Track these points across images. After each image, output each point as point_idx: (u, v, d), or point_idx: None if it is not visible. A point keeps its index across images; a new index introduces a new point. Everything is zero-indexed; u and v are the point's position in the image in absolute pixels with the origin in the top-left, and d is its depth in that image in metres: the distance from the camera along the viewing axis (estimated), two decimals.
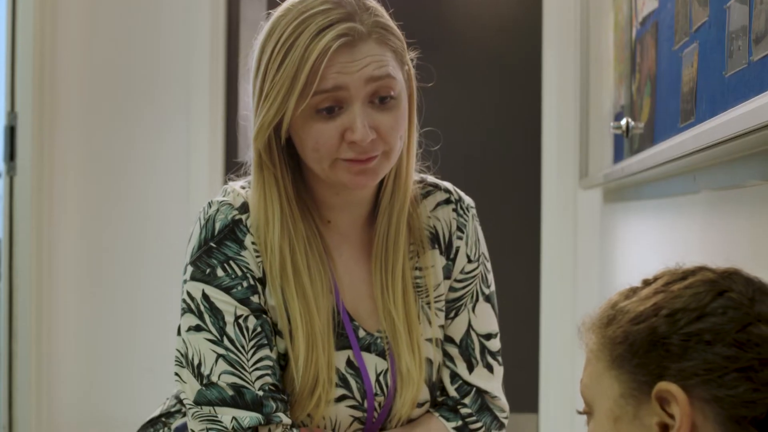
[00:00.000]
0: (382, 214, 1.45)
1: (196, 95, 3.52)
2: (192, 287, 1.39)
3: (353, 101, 1.31)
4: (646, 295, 0.92)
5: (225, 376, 1.35)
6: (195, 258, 1.39)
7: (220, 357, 1.35)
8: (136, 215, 3.56)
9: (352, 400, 1.43)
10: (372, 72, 1.31)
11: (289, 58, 1.29)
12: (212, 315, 1.37)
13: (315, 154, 1.34)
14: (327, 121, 1.32)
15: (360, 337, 1.44)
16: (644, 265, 1.00)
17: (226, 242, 1.39)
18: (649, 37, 2.00)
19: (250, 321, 1.37)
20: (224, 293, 1.37)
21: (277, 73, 1.30)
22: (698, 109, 1.50)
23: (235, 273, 1.38)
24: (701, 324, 0.87)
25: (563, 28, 3.48)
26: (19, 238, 3.35)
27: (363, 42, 1.31)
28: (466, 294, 1.54)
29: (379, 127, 1.33)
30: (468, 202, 1.57)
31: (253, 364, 1.36)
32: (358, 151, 1.33)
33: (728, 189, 1.47)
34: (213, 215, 1.41)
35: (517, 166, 3.90)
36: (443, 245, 1.52)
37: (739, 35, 1.24)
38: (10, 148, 3.35)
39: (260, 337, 1.37)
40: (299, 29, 1.30)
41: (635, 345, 0.89)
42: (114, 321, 3.57)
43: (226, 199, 1.42)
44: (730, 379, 0.85)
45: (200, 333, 1.37)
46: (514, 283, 3.82)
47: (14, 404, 3.36)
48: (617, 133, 2.32)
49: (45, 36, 3.40)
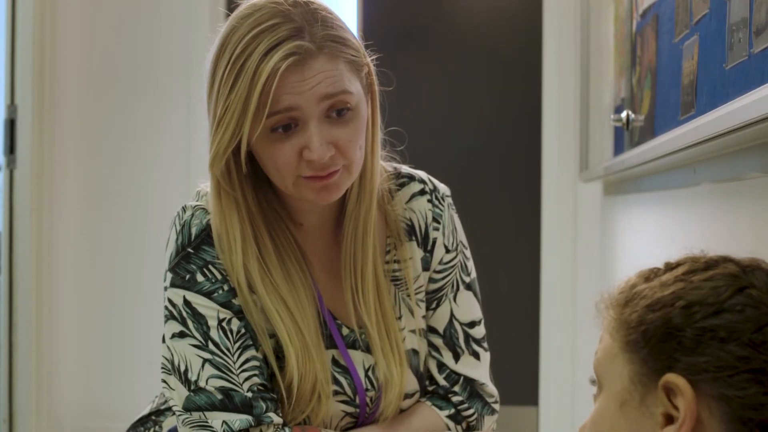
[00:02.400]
0: (349, 217, 1.44)
1: (196, 88, 3.51)
2: (173, 294, 1.38)
3: (308, 119, 1.28)
4: (665, 282, 0.91)
5: (213, 380, 1.34)
6: (174, 264, 1.39)
7: (206, 362, 1.35)
8: (136, 208, 3.56)
9: (342, 395, 1.42)
10: (325, 90, 1.28)
11: (240, 81, 1.26)
12: (195, 320, 1.36)
13: (276, 173, 1.32)
14: (284, 140, 1.29)
15: (344, 335, 1.44)
16: (644, 257, 1.00)
17: (204, 247, 1.38)
18: (649, 30, 2.00)
19: (233, 323, 1.36)
20: (205, 298, 1.36)
21: (229, 96, 1.27)
22: (698, 101, 1.49)
23: (215, 277, 1.37)
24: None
25: (563, 21, 3.48)
26: (19, 231, 3.35)
27: (313, 59, 1.27)
28: (446, 284, 1.52)
29: (338, 141, 1.30)
30: (443, 190, 1.54)
31: (240, 366, 1.35)
32: (318, 168, 1.30)
33: (728, 181, 1.47)
34: (189, 220, 1.40)
35: (518, 159, 3.89)
36: (420, 237, 1.51)
37: (739, 27, 1.24)
38: (10, 141, 3.35)
39: (245, 338, 1.36)
40: (248, 49, 1.26)
41: (648, 333, 0.89)
42: (114, 314, 3.57)
43: (200, 204, 1.42)
44: (740, 379, 0.84)
45: (184, 339, 1.36)
46: (514, 275, 3.82)
47: (14, 397, 3.36)
48: (617, 125, 2.32)
49: (45, 29, 3.39)
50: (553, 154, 3.51)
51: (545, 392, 3.58)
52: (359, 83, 1.34)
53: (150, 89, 3.56)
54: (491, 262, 3.77)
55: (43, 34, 3.38)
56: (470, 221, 1.90)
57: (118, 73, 3.57)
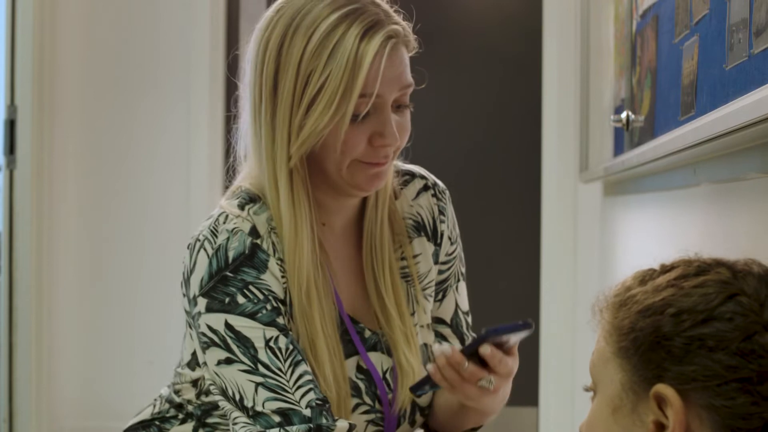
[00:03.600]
0: (371, 209, 1.45)
1: (196, 88, 3.51)
2: (211, 319, 1.31)
3: (385, 106, 1.31)
4: (657, 286, 0.90)
5: (269, 403, 1.28)
6: (208, 289, 1.32)
7: (258, 385, 1.29)
8: (136, 208, 3.56)
9: (364, 406, 1.41)
10: (404, 81, 1.33)
11: (336, 61, 1.26)
12: (241, 344, 1.30)
13: (336, 155, 1.32)
14: (356, 125, 1.30)
15: (366, 338, 1.43)
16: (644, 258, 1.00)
17: (243, 269, 1.32)
18: (649, 30, 2.00)
19: (281, 341, 1.31)
20: (249, 319, 1.31)
21: (324, 76, 1.27)
22: (698, 102, 1.49)
23: (257, 297, 1.31)
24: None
25: (563, 21, 3.48)
26: (19, 231, 3.34)
27: (402, 46, 1.33)
28: (450, 275, 1.55)
29: (398, 131, 1.34)
30: (442, 186, 1.56)
31: (294, 383, 1.30)
32: (383, 155, 1.33)
33: (728, 182, 1.47)
34: (224, 244, 1.33)
35: (518, 159, 3.89)
36: (429, 231, 1.52)
37: (739, 28, 1.24)
38: (10, 142, 3.35)
39: (294, 354, 1.31)
40: (339, 29, 1.27)
41: (638, 340, 0.88)
42: (114, 314, 3.57)
43: (234, 227, 1.34)
44: (728, 389, 0.83)
45: (232, 365, 1.30)
46: (514, 276, 3.82)
47: (14, 396, 3.36)
48: (617, 126, 2.31)
49: (44, 29, 3.39)
50: (553, 155, 3.51)
51: (545, 393, 3.57)
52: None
53: (150, 90, 3.56)
54: (491, 263, 3.77)
55: (42, 34, 3.38)
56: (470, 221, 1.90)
57: (118, 73, 3.57)
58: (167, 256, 3.43)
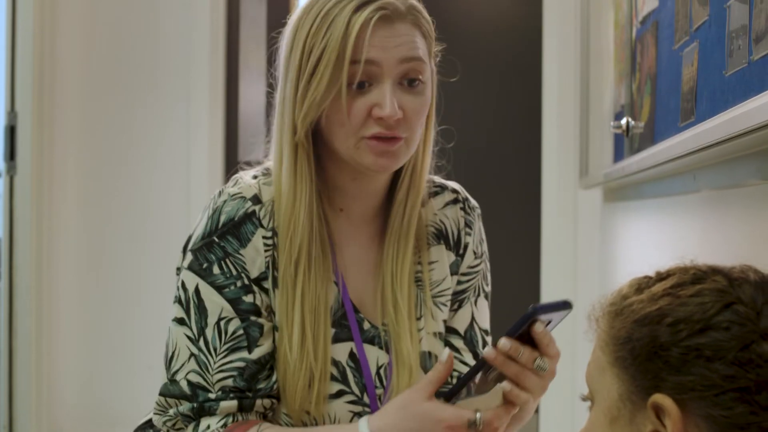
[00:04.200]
0: (399, 204, 1.46)
1: (196, 95, 3.52)
2: (188, 277, 1.39)
3: (384, 78, 1.33)
4: (653, 295, 0.90)
5: (190, 375, 1.37)
6: (196, 248, 1.39)
7: (192, 356, 1.38)
8: (136, 214, 3.56)
9: (350, 395, 1.42)
10: (406, 53, 1.34)
11: (331, 32, 1.31)
12: (198, 313, 1.38)
13: (341, 129, 1.35)
14: (356, 96, 1.33)
15: (364, 329, 1.44)
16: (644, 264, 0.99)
17: (228, 237, 1.38)
18: (649, 36, 2.00)
19: (231, 324, 1.37)
20: (216, 291, 1.37)
21: (320, 47, 1.31)
22: (698, 108, 1.50)
23: (230, 272, 1.38)
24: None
25: (563, 27, 3.48)
26: (19, 237, 3.35)
27: (400, 20, 1.34)
28: (469, 288, 1.57)
29: (406, 108, 1.35)
30: (474, 203, 1.61)
31: (219, 367, 1.37)
32: (384, 127, 1.34)
33: (728, 188, 1.47)
34: (220, 207, 1.40)
35: (518, 165, 3.90)
36: (452, 241, 1.54)
37: (739, 34, 1.24)
38: (10, 148, 3.36)
39: (238, 340, 1.37)
40: (340, 4, 1.32)
41: (635, 350, 0.88)
42: (113, 319, 3.57)
43: (238, 191, 1.41)
44: (726, 399, 0.83)
45: (182, 327, 1.39)
46: (514, 282, 3.82)
47: (14, 403, 3.36)
48: (617, 132, 2.32)
49: (45, 36, 3.40)
50: (553, 161, 3.51)
51: (546, 399, 3.57)
52: (429, 64, 1.40)
53: (150, 95, 3.56)
54: (491, 269, 3.77)
55: (42, 41, 3.39)
56: None
57: (118, 79, 3.57)
58: (167, 263, 3.41)
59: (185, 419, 1.37)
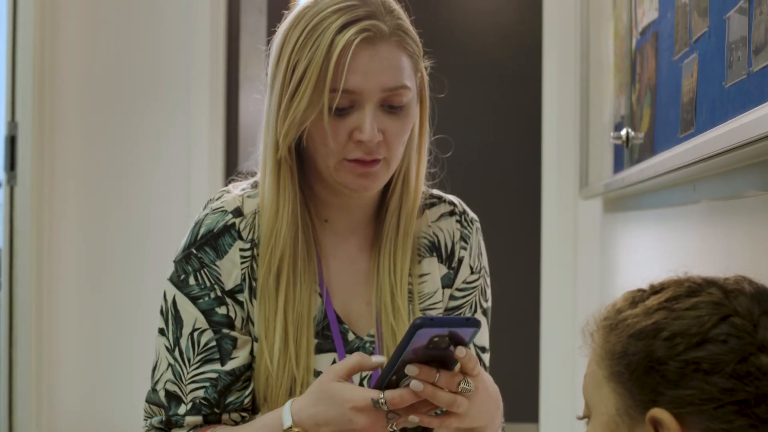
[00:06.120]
0: (391, 215, 1.46)
1: (196, 106, 3.52)
2: (168, 288, 1.43)
3: (365, 103, 1.32)
4: (648, 308, 0.89)
5: (168, 384, 1.40)
6: (177, 259, 1.44)
7: (170, 365, 1.41)
8: (137, 224, 3.56)
9: None
10: (388, 82, 1.32)
11: (316, 51, 1.30)
12: (174, 323, 1.41)
13: (323, 149, 1.35)
14: (336, 119, 1.33)
15: (349, 341, 1.44)
16: (644, 274, 0.99)
17: (205, 248, 1.41)
18: (649, 47, 2.00)
19: (204, 335, 1.40)
20: (191, 303, 1.40)
21: (302, 65, 1.31)
22: (698, 119, 1.50)
23: (205, 283, 1.40)
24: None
25: (563, 37, 3.49)
26: (19, 247, 3.34)
27: (384, 42, 1.32)
28: (465, 303, 1.54)
29: (386, 131, 1.35)
30: (472, 216, 1.58)
31: (191, 377, 1.39)
32: (365, 151, 1.34)
33: (728, 199, 1.47)
34: (201, 219, 1.43)
35: (517, 176, 3.90)
36: (444, 254, 1.52)
37: (738, 46, 1.25)
38: (11, 158, 3.36)
39: (211, 352, 1.39)
40: (325, 23, 1.31)
41: (632, 365, 0.87)
42: (114, 329, 3.57)
43: (220, 206, 1.43)
44: (725, 412, 0.83)
45: (161, 337, 1.42)
46: (514, 292, 3.83)
47: (14, 411, 3.35)
48: (617, 143, 2.32)
49: (45, 46, 3.40)
50: (553, 171, 3.51)
51: (545, 410, 3.57)
52: (415, 83, 1.39)
53: (150, 105, 3.56)
54: (491, 279, 3.77)
55: (43, 51, 3.39)
56: None
57: (118, 90, 3.57)
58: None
59: (157, 430, 1.41)
